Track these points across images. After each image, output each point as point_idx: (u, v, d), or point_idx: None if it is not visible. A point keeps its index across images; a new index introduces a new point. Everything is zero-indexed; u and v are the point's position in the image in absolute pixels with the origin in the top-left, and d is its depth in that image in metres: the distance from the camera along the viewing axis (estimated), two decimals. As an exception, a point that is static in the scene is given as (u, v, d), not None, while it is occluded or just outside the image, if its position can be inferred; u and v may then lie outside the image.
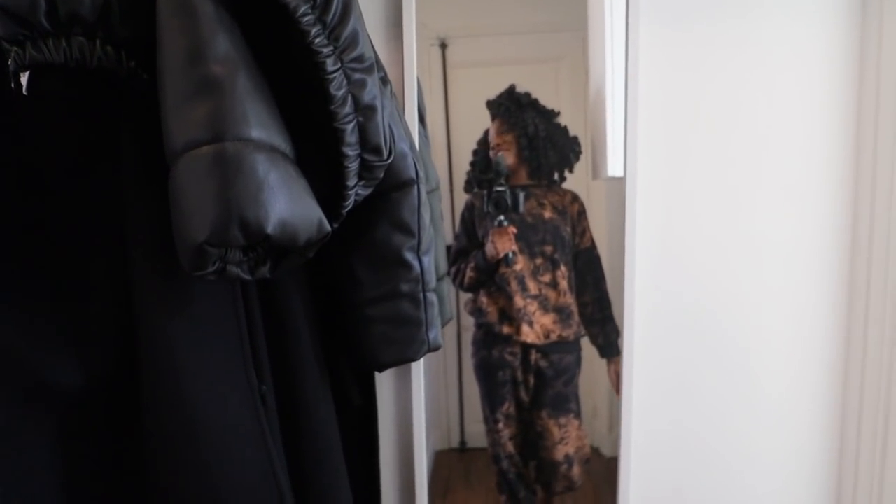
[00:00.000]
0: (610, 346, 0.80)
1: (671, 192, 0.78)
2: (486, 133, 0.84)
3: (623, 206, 0.75)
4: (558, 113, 0.83)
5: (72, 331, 0.47)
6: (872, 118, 0.71)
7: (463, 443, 0.94)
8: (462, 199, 0.86)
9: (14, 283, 0.44)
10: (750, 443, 0.81)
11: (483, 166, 0.82)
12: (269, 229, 0.38)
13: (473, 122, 0.89)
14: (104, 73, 0.42)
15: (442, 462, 0.92)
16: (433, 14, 0.84)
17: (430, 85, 0.87)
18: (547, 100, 0.87)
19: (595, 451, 0.88)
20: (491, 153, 0.82)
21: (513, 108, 0.81)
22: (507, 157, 0.81)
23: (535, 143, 0.81)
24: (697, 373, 0.79)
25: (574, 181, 0.85)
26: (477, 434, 0.94)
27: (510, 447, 0.86)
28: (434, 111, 0.87)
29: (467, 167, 0.85)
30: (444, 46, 0.88)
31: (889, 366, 0.71)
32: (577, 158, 0.82)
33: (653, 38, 0.75)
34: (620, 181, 0.76)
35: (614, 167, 0.78)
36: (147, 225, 0.47)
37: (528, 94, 0.82)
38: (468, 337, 0.89)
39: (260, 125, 0.40)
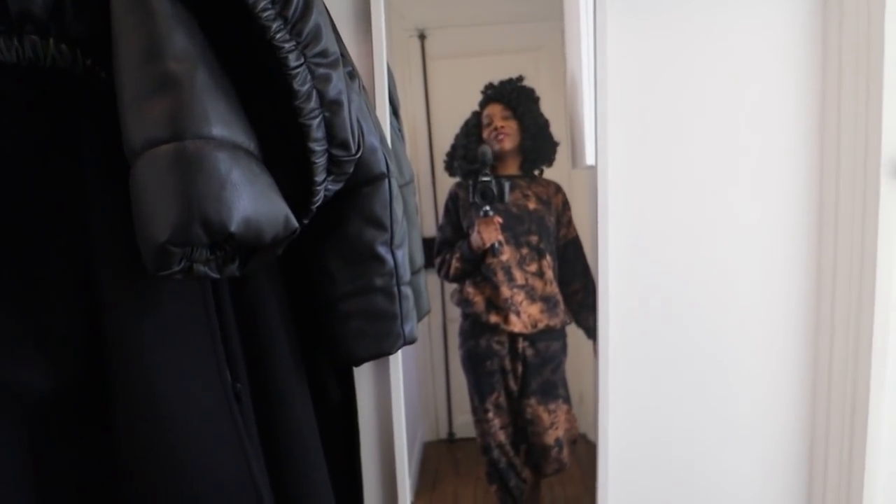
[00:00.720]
0: (595, 328, 0.82)
1: (642, 178, 0.79)
2: (476, 116, 0.84)
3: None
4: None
5: (37, 333, 0.46)
6: (835, 104, 0.73)
7: (451, 434, 0.96)
8: (444, 188, 0.86)
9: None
10: (724, 415, 0.83)
11: (469, 156, 0.83)
12: (233, 227, 0.38)
13: (454, 112, 0.89)
14: (60, 72, 0.41)
15: (431, 453, 0.94)
16: (411, 5, 0.84)
17: (409, 76, 0.87)
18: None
19: (582, 437, 0.89)
20: (485, 133, 0.82)
21: (522, 98, 0.82)
22: (505, 141, 0.81)
23: (536, 135, 0.82)
24: (672, 350, 0.81)
25: (555, 171, 0.86)
26: (465, 425, 0.95)
27: (500, 437, 0.87)
28: (414, 102, 0.87)
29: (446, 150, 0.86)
30: (422, 37, 0.88)
31: (856, 344, 0.73)
32: (555, 153, 0.84)
33: (621, 28, 0.76)
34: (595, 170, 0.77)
35: (589, 156, 0.78)
36: (110, 225, 0.46)
37: (533, 89, 0.83)
38: (454, 328, 0.89)
39: (221, 122, 0.40)
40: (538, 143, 0.83)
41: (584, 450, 0.88)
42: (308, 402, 0.62)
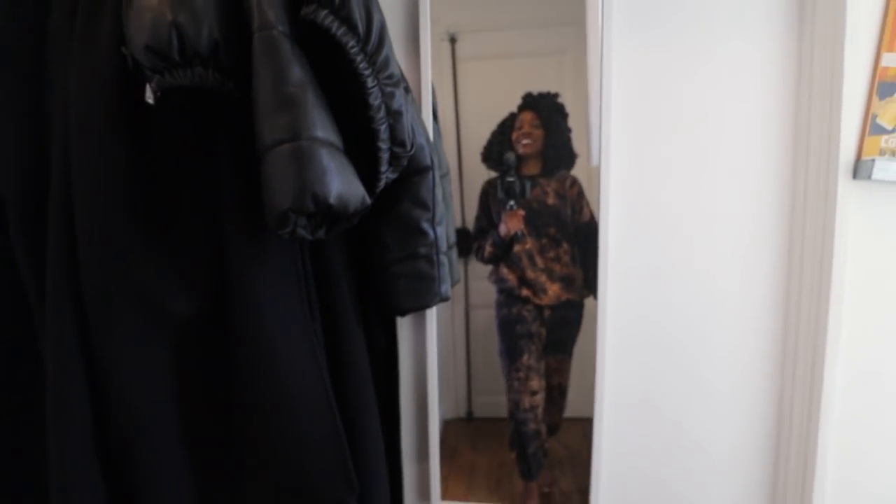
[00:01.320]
0: None
1: (639, 176, 0.93)
2: (512, 117, 0.95)
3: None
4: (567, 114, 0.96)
5: (184, 275, 0.65)
6: (806, 116, 0.86)
7: (470, 412, 1.07)
8: (470, 182, 1.00)
9: (150, 243, 0.62)
10: (704, 375, 0.96)
11: (497, 158, 0.96)
12: (332, 200, 0.55)
13: (481, 112, 0.98)
14: (210, 91, 0.59)
15: (450, 430, 1.05)
16: (444, 10, 0.93)
17: (440, 78, 0.95)
18: (552, 90, 0.96)
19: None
20: (514, 135, 0.95)
21: (553, 112, 0.94)
22: (528, 147, 0.95)
23: (558, 146, 0.95)
24: (662, 316, 0.95)
25: (580, 168, 0.96)
26: (483, 405, 1.07)
27: (528, 402, 0.99)
28: (444, 102, 0.97)
29: (477, 151, 0.97)
30: (453, 41, 0.97)
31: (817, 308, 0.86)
32: (574, 163, 0.95)
33: (623, 44, 0.90)
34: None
35: (594, 158, 0.93)
36: (235, 199, 0.64)
37: (562, 105, 0.95)
38: (476, 316, 1.03)
39: (322, 128, 0.57)
40: (559, 153, 0.95)
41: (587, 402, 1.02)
42: (362, 343, 0.80)
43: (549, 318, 0.98)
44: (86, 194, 0.60)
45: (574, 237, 0.96)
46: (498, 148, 0.96)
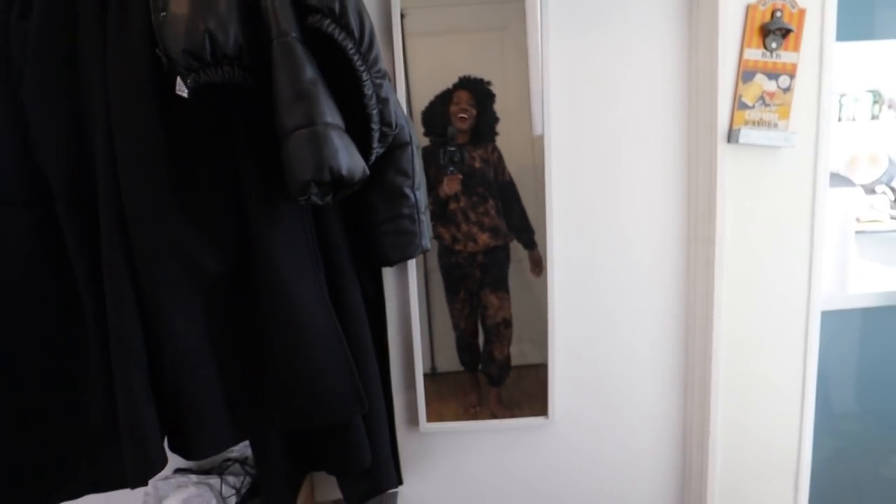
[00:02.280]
0: (529, 242, 1.16)
1: (575, 144, 1.14)
2: (450, 94, 1.10)
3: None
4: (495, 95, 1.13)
5: (213, 236, 0.78)
6: (696, 99, 1.11)
7: (434, 368, 1.21)
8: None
9: (185, 212, 0.75)
10: (632, 303, 1.22)
11: (439, 131, 1.12)
12: (344, 171, 0.71)
13: (430, 84, 1.09)
14: (233, 85, 0.72)
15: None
16: None
17: (391, 51, 1.05)
18: (492, 64, 1.10)
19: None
20: (453, 109, 1.11)
21: (486, 96, 1.12)
22: (465, 122, 1.13)
23: (486, 119, 1.13)
24: (593, 257, 1.19)
25: (519, 136, 1.13)
26: (445, 360, 1.21)
27: (463, 322, 1.21)
28: (396, 75, 1.06)
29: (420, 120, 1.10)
30: (402, 16, 1.06)
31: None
32: (494, 138, 1.13)
33: (559, 37, 1.09)
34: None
35: (537, 129, 1.13)
36: (253, 171, 0.78)
37: (490, 87, 1.11)
38: (435, 279, 1.19)
39: (331, 114, 0.72)
40: (486, 130, 1.13)
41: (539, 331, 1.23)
42: (358, 291, 0.96)
43: (482, 262, 1.18)
44: (130, 174, 0.71)
45: (497, 194, 1.15)
46: (439, 120, 1.12)
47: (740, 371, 1.18)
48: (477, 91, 1.11)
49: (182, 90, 0.72)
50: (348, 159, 0.73)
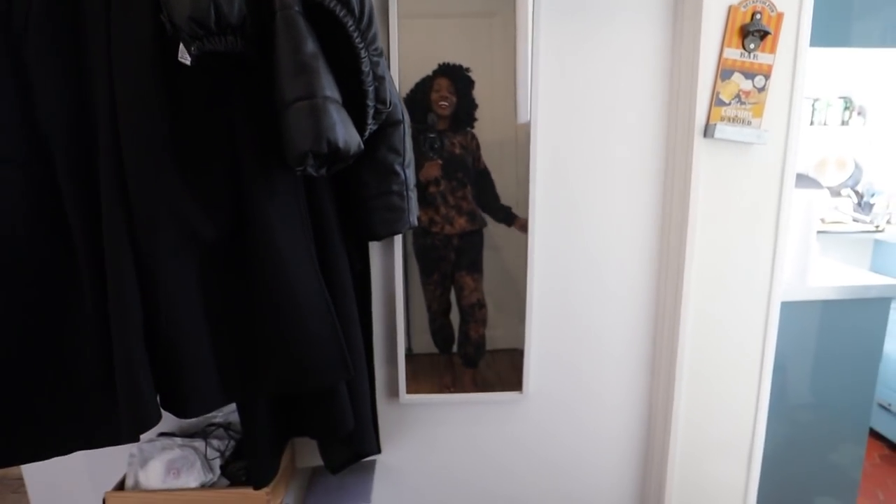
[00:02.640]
0: (509, 217, 1.20)
1: (560, 131, 1.19)
2: (430, 81, 1.13)
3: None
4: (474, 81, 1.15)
5: (210, 206, 0.81)
6: (676, 95, 1.16)
7: (409, 349, 1.24)
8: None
9: (183, 177, 0.77)
10: (606, 288, 1.28)
11: (419, 117, 1.15)
12: (340, 144, 0.74)
13: (417, 66, 1.11)
14: (234, 54, 0.74)
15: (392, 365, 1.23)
16: None
17: (387, 31, 1.06)
18: (481, 50, 1.12)
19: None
20: (433, 95, 1.14)
21: (465, 83, 1.15)
22: (445, 109, 1.15)
23: (466, 108, 1.16)
24: (572, 242, 1.24)
25: (503, 123, 1.16)
26: (421, 342, 1.24)
27: (436, 303, 1.25)
28: (389, 54, 1.08)
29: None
30: None
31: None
32: (473, 124, 1.16)
33: (549, 29, 1.13)
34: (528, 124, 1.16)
35: (523, 116, 1.17)
36: (250, 141, 0.81)
37: (469, 74, 1.14)
38: (411, 262, 1.22)
39: (330, 88, 0.75)
40: (466, 117, 1.16)
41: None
42: (346, 263, 0.99)
43: (457, 245, 1.22)
44: (132, 136, 0.73)
45: (474, 180, 1.19)
46: (421, 106, 1.15)
47: (704, 356, 1.26)
48: (456, 78, 1.14)
49: (184, 57, 0.73)
50: (345, 133, 0.76)
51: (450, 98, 1.14)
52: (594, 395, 1.33)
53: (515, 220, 1.20)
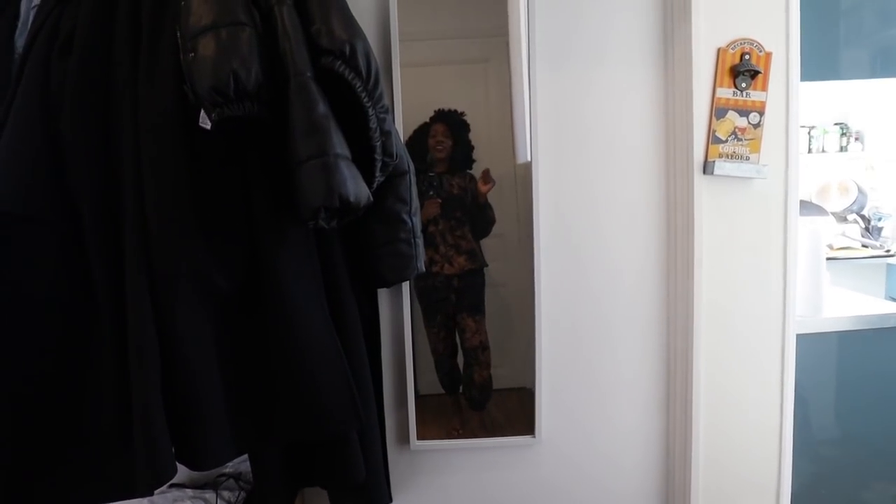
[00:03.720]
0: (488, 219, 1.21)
1: (560, 171, 1.21)
2: (429, 126, 1.18)
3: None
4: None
5: (226, 260, 0.83)
6: (673, 132, 1.20)
7: (417, 391, 1.24)
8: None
9: (201, 232, 0.80)
10: (615, 327, 1.28)
11: (419, 158, 1.17)
12: (351, 198, 0.77)
13: (416, 114, 1.16)
14: (250, 119, 0.78)
15: (400, 408, 1.22)
16: None
17: (391, 82, 1.11)
18: (477, 95, 1.17)
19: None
20: (431, 141, 1.19)
21: (457, 124, 1.19)
22: (442, 152, 1.20)
23: (462, 150, 1.20)
24: (578, 283, 1.26)
25: (504, 163, 1.20)
26: (428, 383, 1.24)
27: (441, 346, 1.25)
28: (393, 106, 1.13)
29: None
30: None
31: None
32: (471, 166, 1.20)
33: (544, 72, 1.18)
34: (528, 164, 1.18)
35: (523, 156, 1.20)
36: (265, 197, 0.84)
37: (465, 119, 1.19)
38: (417, 307, 1.23)
39: (340, 146, 0.79)
40: (462, 159, 1.20)
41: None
42: (356, 310, 1.01)
43: (457, 286, 1.23)
44: (155, 196, 0.77)
45: (472, 219, 1.21)
46: (418, 150, 1.19)
47: (720, 394, 1.24)
48: (451, 122, 1.19)
49: (205, 122, 0.78)
50: (355, 187, 0.79)
51: (445, 142, 1.19)
52: (609, 437, 1.31)
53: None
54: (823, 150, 2.34)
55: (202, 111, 0.77)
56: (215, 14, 0.74)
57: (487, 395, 1.26)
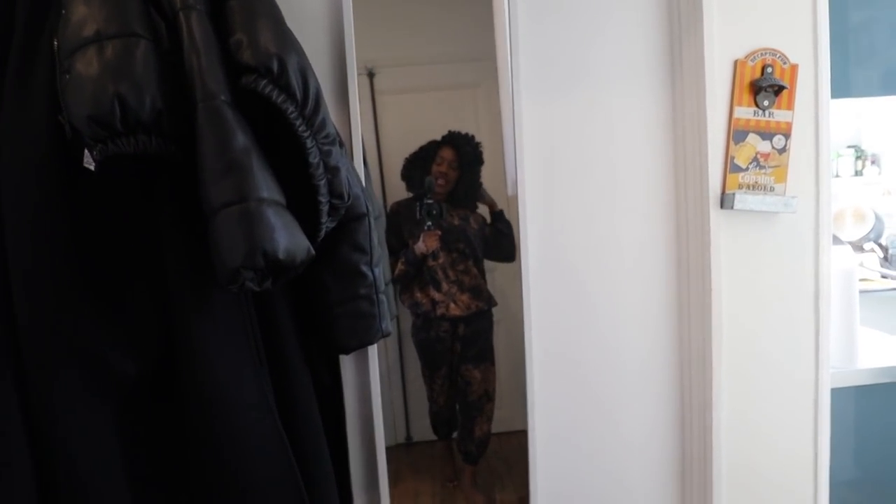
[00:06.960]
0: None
1: (549, 205, 1.05)
2: (434, 149, 1.04)
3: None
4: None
5: (129, 335, 0.65)
6: (682, 160, 1.03)
7: (409, 437, 1.11)
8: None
9: (92, 302, 0.62)
10: (623, 385, 1.09)
11: (417, 182, 1.05)
12: (281, 255, 0.60)
13: (401, 144, 1.05)
14: (151, 155, 0.61)
15: (391, 456, 1.05)
16: (362, 46, 0.96)
17: (360, 110, 0.96)
18: (466, 121, 1.06)
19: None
20: (434, 166, 1.05)
21: (473, 157, 1.06)
22: (442, 187, 1.05)
23: (469, 186, 1.07)
24: (580, 333, 1.08)
25: (494, 195, 1.06)
26: (421, 429, 1.12)
27: (442, 399, 1.11)
28: (365, 134, 0.99)
29: (400, 182, 1.04)
30: (371, 75, 1.02)
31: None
32: (476, 205, 1.08)
33: (530, 99, 1.02)
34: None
35: (511, 189, 1.03)
36: (180, 254, 0.66)
37: (479, 146, 1.06)
38: (409, 342, 1.09)
39: (267, 188, 0.61)
40: (468, 193, 1.07)
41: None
42: (310, 384, 0.82)
43: (462, 334, 1.08)
44: (22, 260, 0.59)
45: (476, 252, 1.08)
46: (419, 172, 1.05)
47: (744, 462, 1.05)
48: (463, 150, 1.06)
49: (90, 162, 0.60)
50: (288, 240, 0.62)
51: (450, 174, 1.06)
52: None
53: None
54: (837, 175, 2.19)
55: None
56: (100, 22, 0.57)
57: (484, 449, 1.12)
